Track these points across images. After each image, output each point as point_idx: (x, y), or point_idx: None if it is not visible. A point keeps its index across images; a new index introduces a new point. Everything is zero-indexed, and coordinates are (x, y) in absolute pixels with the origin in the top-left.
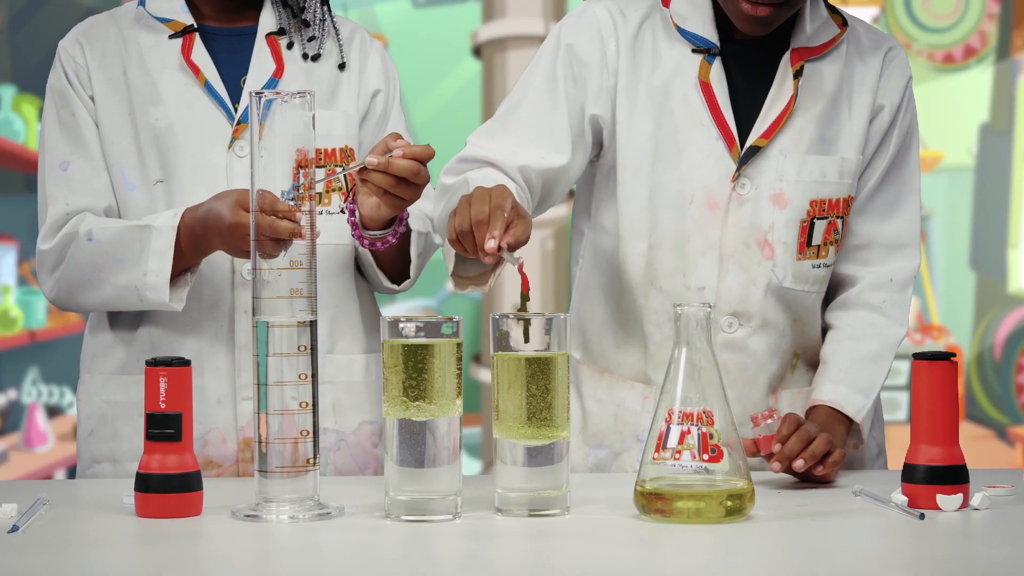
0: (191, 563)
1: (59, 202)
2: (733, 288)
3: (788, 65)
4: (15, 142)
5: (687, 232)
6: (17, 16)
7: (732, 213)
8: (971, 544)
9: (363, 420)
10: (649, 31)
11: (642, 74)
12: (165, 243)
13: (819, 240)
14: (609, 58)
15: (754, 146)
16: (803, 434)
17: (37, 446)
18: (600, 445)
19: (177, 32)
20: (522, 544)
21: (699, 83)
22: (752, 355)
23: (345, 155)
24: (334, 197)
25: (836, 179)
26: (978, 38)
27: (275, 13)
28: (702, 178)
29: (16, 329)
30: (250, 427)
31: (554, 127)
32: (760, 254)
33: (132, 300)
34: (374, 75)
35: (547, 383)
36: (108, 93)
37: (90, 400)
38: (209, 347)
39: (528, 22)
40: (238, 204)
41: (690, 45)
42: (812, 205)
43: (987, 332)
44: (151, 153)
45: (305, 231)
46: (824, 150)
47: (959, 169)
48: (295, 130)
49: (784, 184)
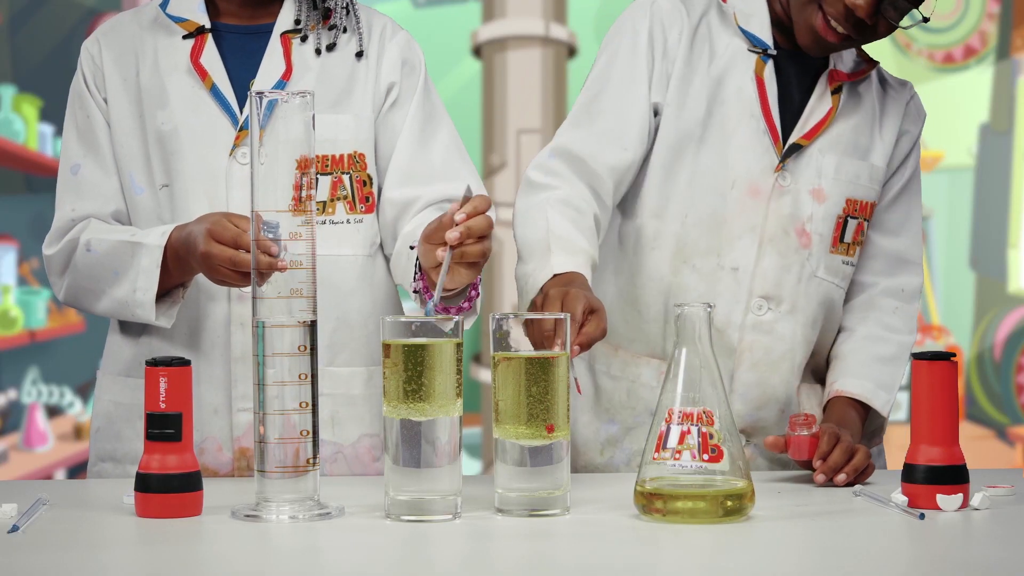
0: (191, 563)
1: (65, 207)
2: (768, 271)
3: (827, 82)
4: (15, 142)
5: (725, 215)
6: (17, 16)
7: (774, 200)
8: (971, 544)
9: (363, 433)
10: (708, 24)
11: (698, 64)
12: (152, 262)
13: (850, 238)
14: (670, 46)
15: (796, 143)
16: (846, 447)
17: (37, 446)
18: (612, 420)
19: (190, 33)
20: (522, 544)
21: (755, 77)
22: (779, 339)
23: (354, 161)
24: (339, 206)
25: (867, 183)
26: (978, 38)
27: (295, 6)
28: (747, 165)
29: (16, 329)
30: (246, 438)
31: (633, 118)
32: (798, 242)
33: (126, 313)
34: (389, 67)
35: (547, 383)
36: (120, 95)
37: (100, 398)
38: (206, 357)
39: (528, 22)
40: (210, 234)
41: (747, 43)
42: (847, 203)
43: (987, 332)
44: (157, 157)
45: (305, 234)
46: (858, 155)
47: (959, 169)
48: (297, 136)
49: (823, 180)
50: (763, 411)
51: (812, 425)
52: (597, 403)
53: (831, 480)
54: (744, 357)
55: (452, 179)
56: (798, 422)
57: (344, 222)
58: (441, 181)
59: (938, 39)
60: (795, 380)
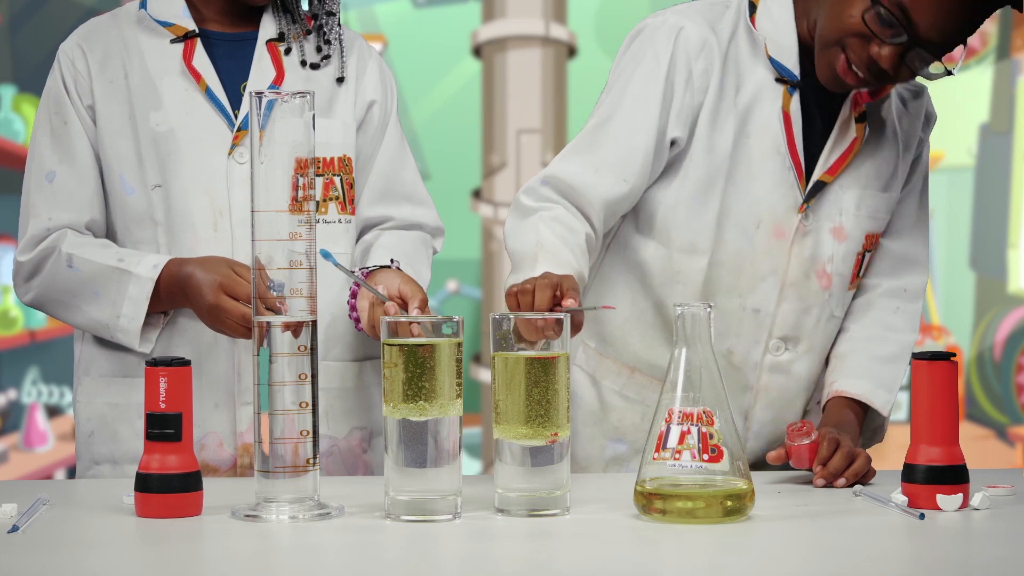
0: (191, 563)
1: (41, 216)
2: (789, 315)
3: (850, 107)
4: (15, 142)
5: (750, 255)
6: (17, 16)
7: (796, 243)
8: (971, 544)
9: (354, 426)
10: (734, 50)
11: (727, 94)
12: (142, 293)
13: (863, 272)
14: (696, 77)
15: (820, 181)
16: (846, 452)
17: (37, 446)
18: (620, 440)
19: (178, 37)
20: (522, 544)
21: (782, 113)
22: (795, 379)
23: (343, 164)
24: (331, 206)
25: (885, 215)
26: (978, 38)
27: (276, 19)
28: (772, 205)
29: (16, 329)
30: (249, 433)
31: (638, 149)
32: (818, 284)
33: (104, 333)
34: (371, 85)
35: (547, 383)
36: (109, 97)
37: (91, 402)
38: (208, 351)
39: (528, 22)
40: (221, 288)
41: (774, 72)
42: (867, 239)
43: (987, 332)
44: (150, 158)
45: (305, 234)
46: (880, 187)
47: (959, 169)
48: (296, 136)
49: (844, 218)
50: (774, 445)
51: (811, 433)
52: (604, 420)
53: (830, 484)
54: (760, 396)
55: (419, 204)
56: (796, 431)
57: (336, 221)
58: (410, 204)
59: None
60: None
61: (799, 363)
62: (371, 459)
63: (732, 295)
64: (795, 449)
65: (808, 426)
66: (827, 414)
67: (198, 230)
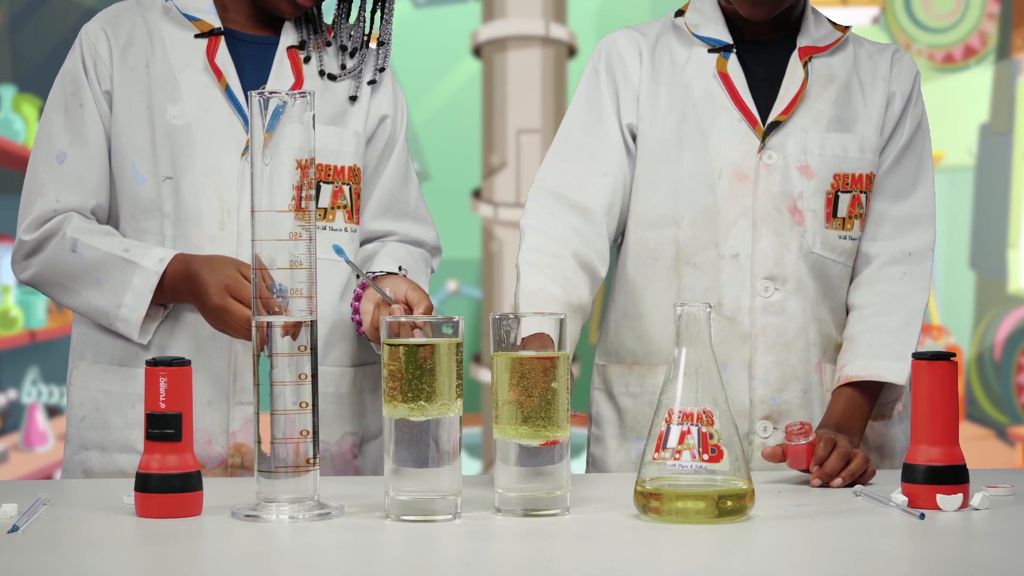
0: (191, 563)
1: (49, 196)
2: (768, 252)
3: (797, 59)
4: (15, 142)
5: (717, 206)
6: (17, 16)
7: (762, 180)
8: (971, 544)
9: (345, 431)
10: (665, 42)
11: (662, 78)
12: (146, 285)
13: (844, 213)
14: (631, 70)
15: (775, 121)
16: (843, 453)
17: (37, 446)
18: (640, 436)
19: (204, 32)
20: (522, 544)
21: (718, 74)
22: (790, 318)
23: (353, 174)
24: (339, 214)
25: (858, 154)
26: (978, 38)
27: (298, 28)
28: (729, 154)
29: (16, 329)
30: (242, 432)
31: (607, 144)
32: (791, 219)
33: (102, 320)
34: (384, 100)
35: (547, 383)
36: (128, 84)
37: (86, 387)
38: (206, 346)
39: (528, 22)
40: (227, 289)
41: (705, 46)
42: (836, 178)
43: (987, 332)
44: (164, 150)
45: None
46: (843, 128)
47: (959, 169)
48: (299, 137)
49: (809, 157)
50: (785, 393)
51: (808, 433)
52: (622, 425)
53: (827, 484)
54: (759, 341)
55: (421, 222)
56: (794, 431)
57: (343, 230)
58: (413, 221)
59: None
60: (812, 358)
61: (790, 302)
62: (361, 464)
63: (708, 248)
64: (793, 449)
65: (807, 427)
66: (832, 406)
67: (205, 226)
